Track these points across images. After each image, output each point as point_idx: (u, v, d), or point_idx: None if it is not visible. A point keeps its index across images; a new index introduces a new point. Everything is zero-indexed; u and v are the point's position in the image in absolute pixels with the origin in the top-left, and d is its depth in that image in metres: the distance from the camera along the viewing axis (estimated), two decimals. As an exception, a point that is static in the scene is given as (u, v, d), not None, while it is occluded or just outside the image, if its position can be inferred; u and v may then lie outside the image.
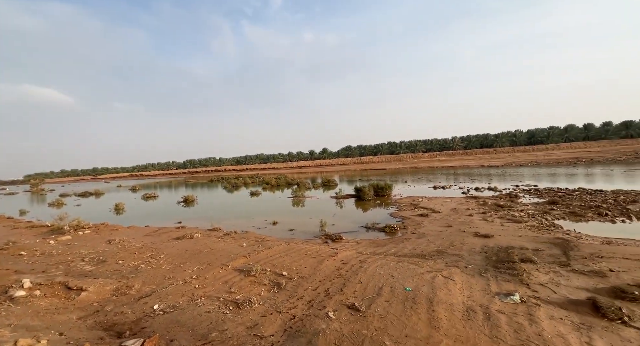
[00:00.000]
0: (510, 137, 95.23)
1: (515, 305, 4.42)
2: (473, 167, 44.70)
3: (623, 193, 13.99)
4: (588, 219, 10.04)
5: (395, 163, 74.20)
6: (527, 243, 7.46)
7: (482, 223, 10.13)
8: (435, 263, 6.42)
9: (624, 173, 23.89)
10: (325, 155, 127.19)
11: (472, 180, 26.17)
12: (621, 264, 5.67)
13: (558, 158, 45.93)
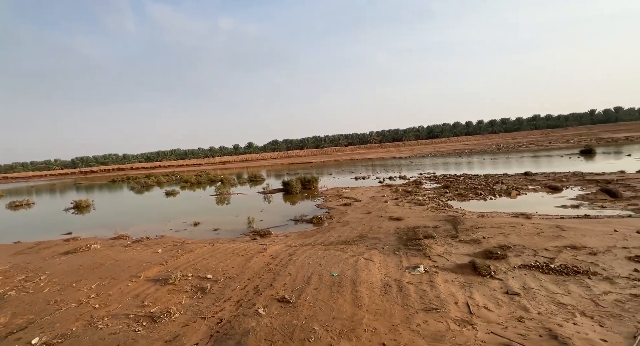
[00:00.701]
0: (415, 132, 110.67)
1: (420, 275, 5.21)
2: (387, 158, 50.18)
3: (490, 176, 17.98)
4: (469, 199, 12.55)
5: (321, 157, 77.15)
6: (429, 222, 8.86)
7: (395, 208, 11.52)
8: (357, 248, 7.01)
9: (491, 160, 30.64)
10: (251, 150, 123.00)
11: (387, 170, 29.40)
12: (490, 232, 7.31)
13: (449, 149, 55.63)
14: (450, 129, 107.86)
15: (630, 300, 3.87)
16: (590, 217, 8.32)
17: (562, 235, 6.68)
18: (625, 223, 7.22)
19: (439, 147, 71.01)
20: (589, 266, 5.02)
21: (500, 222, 8.08)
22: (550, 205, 10.18)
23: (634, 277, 4.52)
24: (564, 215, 8.69)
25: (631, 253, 5.40)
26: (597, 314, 3.60)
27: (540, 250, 5.92)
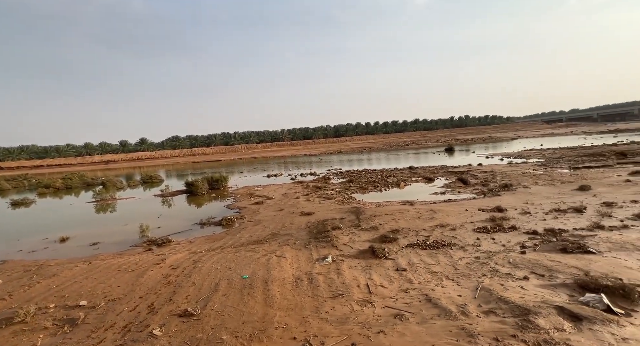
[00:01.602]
0: (324, 130, 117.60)
1: (329, 265, 5.57)
2: (299, 156, 51.61)
3: (385, 170, 20.85)
4: (369, 191, 14.21)
5: (231, 154, 72.92)
6: (336, 214, 9.56)
7: (306, 203, 11.96)
8: (270, 246, 6.95)
9: (385, 157, 35.55)
10: (145, 147, 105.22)
11: (299, 168, 30.24)
12: (385, 219, 8.45)
13: (353, 147, 61.58)
14: (354, 129, 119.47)
15: (474, 261, 5.16)
16: (452, 200, 10.67)
17: (434, 216, 8.31)
18: (472, 204, 9.57)
19: (344, 145, 77.62)
20: (451, 239, 6.42)
21: (393, 210, 9.44)
22: (427, 193, 12.56)
23: (477, 244, 6.04)
24: (435, 201, 10.85)
25: (475, 226, 7.20)
26: (456, 276, 4.65)
27: (420, 231, 7.22)
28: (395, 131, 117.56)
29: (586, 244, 5.34)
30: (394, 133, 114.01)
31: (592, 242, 5.47)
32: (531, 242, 5.91)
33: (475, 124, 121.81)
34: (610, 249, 5.15)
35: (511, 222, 7.28)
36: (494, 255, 5.39)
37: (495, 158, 23.40)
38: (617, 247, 5.21)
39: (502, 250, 5.59)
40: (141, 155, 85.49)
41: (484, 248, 5.80)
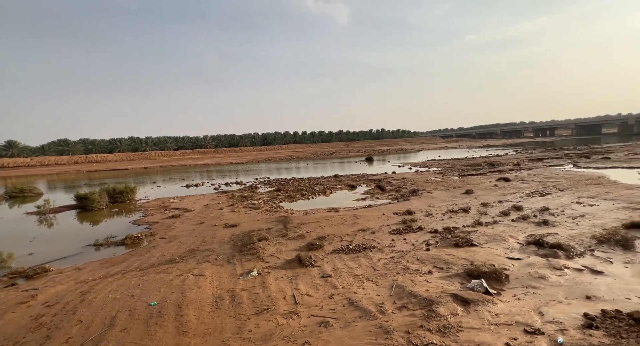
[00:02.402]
0: (251, 138, 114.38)
1: (254, 279, 5.29)
2: (224, 164, 48.61)
3: (312, 179, 21.45)
4: (297, 199, 14.32)
5: (141, 162, 63.68)
6: (263, 225, 9.26)
7: (231, 214, 11.24)
8: (187, 264, 6.20)
9: (313, 165, 36.70)
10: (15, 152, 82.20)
11: (223, 176, 28.41)
12: (312, 227, 8.60)
13: (281, 156, 61.57)
14: (282, 137, 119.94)
15: (390, 261, 5.68)
16: (371, 206, 11.64)
17: (357, 221, 8.89)
18: (388, 208, 10.64)
19: (273, 153, 76.98)
20: (370, 242, 6.94)
21: (319, 217, 9.70)
22: (350, 199, 13.40)
23: (392, 245, 6.69)
24: (357, 206, 11.65)
25: (391, 228, 7.99)
26: (375, 277, 5.02)
27: (344, 236, 7.59)
28: (322, 141, 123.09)
29: (471, 238, 6.51)
30: (321, 143, 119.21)
31: (475, 236, 6.71)
32: (434, 239, 6.87)
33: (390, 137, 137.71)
34: (487, 241, 6.41)
35: (418, 223, 8.35)
36: (405, 253, 6.05)
37: (406, 167, 26.78)
38: (490, 238, 6.52)
39: (412, 249, 6.32)
40: (7, 162, 66.62)
41: (398, 248, 6.45)
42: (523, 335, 3.16)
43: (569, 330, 3.19)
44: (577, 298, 3.90)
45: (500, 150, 44.15)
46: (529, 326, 3.31)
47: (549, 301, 3.86)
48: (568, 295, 4.01)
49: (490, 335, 3.21)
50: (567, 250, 5.48)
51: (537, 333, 3.16)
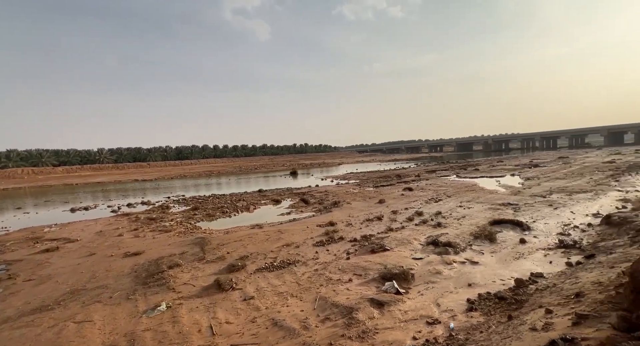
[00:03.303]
0: (162, 152, 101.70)
1: (162, 314, 4.57)
2: (126, 181, 41.58)
3: (235, 195, 20.35)
4: (217, 217, 13.27)
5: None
6: (176, 249, 8.19)
7: (134, 240, 9.59)
8: (65, 310, 4.91)
9: (235, 181, 34.93)
10: None
11: (126, 196, 24.22)
12: (233, 246, 8.06)
13: (199, 171, 56.58)
14: (200, 151, 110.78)
15: (314, 274, 5.77)
16: (296, 220, 11.72)
17: (281, 237, 8.77)
18: (312, 221, 10.90)
19: (189, 168, 70.13)
20: (295, 257, 6.93)
21: (242, 235, 9.19)
22: (275, 214, 13.20)
23: (316, 257, 6.83)
24: (282, 221, 11.55)
25: (315, 241, 8.17)
26: (299, 292, 5.00)
27: (269, 253, 7.37)
28: (245, 155, 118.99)
29: (384, 244, 7.22)
30: (244, 157, 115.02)
31: (387, 241, 7.46)
32: (353, 248, 7.32)
33: (313, 151, 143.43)
34: (397, 245, 7.21)
35: (340, 233, 8.79)
36: (328, 264, 6.25)
37: (328, 180, 28.20)
38: (399, 242, 7.37)
39: (334, 259, 6.58)
40: None
41: (321, 260, 6.62)
42: (425, 326, 3.62)
43: (457, 315, 3.81)
44: (463, 287, 4.72)
45: (405, 164, 51.14)
46: (430, 317, 3.82)
47: (444, 293, 4.56)
48: (456, 285, 4.82)
49: (401, 331, 3.56)
50: (455, 246, 6.64)
51: (435, 323, 3.67)
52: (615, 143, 62.60)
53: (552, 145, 79.21)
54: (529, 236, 7.15)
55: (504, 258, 5.88)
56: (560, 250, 5.98)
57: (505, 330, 3.04)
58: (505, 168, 25.43)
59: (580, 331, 2.39)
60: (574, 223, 7.91)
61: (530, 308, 3.44)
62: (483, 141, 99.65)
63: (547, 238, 6.85)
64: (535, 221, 8.41)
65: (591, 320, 2.53)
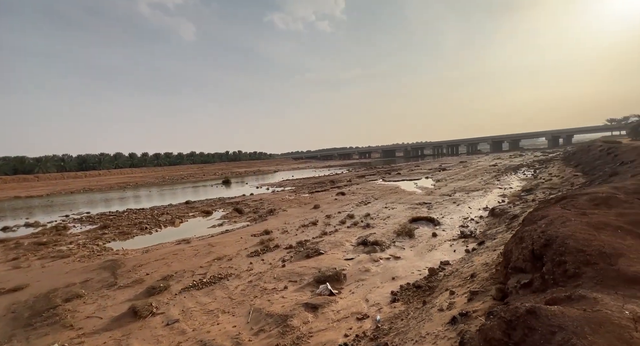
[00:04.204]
0: (58, 161, 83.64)
1: (54, 359, 3.73)
2: (2, 199, 32.85)
3: (157, 208, 18.12)
4: (134, 235, 11.58)
5: None
6: (76, 277, 6.82)
7: (12, 273, 7.61)
8: None
9: (158, 192, 31.13)
10: None
11: (2, 219, 19.07)
12: (154, 266, 7.15)
13: (110, 183, 48.57)
14: (111, 160, 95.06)
15: (248, 286, 5.55)
16: (229, 231, 11.09)
17: (212, 250, 8.17)
18: (246, 231, 10.48)
19: (97, 180, 59.71)
20: (227, 270, 6.54)
21: (165, 253, 8.22)
22: (205, 227, 12.23)
23: (250, 268, 6.58)
24: (213, 234, 10.78)
25: (249, 251, 7.87)
26: (231, 307, 4.73)
27: (197, 269, 6.77)
28: (170, 164, 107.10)
29: (319, 248, 7.42)
30: (169, 166, 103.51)
31: (322, 245, 7.70)
32: (289, 255, 7.31)
33: (247, 158, 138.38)
34: (330, 248, 7.50)
35: (275, 241, 8.68)
36: (263, 274, 6.09)
37: (263, 188, 27.58)
38: (333, 245, 7.68)
39: (269, 268, 6.44)
40: None
41: (256, 270, 6.41)
42: (356, 322, 3.85)
43: (383, 308, 4.17)
44: (388, 281, 5.20)
45: (338, 170, 53.76)
46: (360, 313, 4.08)
47: (372, 289, 4.94)
48: (382, 280, 5.28)
49: (334, 331, 3.70)
50: (381, 244, 7.26)
51: (365, 318, 3.94)
52: (497, 149, 78.36)
53: (455, 151, 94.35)
54: (439, 230, 8.33)
55: (420, 251, 6.70)
56: (462, 240, 7.14)
57: (420, 314, 3.46)
58: (421, 172, 29.07)
59: (473, 305, 2.90)
60: (471, 216, 9.54)
61: (439, 292, 4.01)
62: (403, 148, 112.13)
63: (452, 231, 8.09)
64: (444, 217, 9.84)
65: (480, 294, 3.10)
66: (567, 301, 1.59)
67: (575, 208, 2.97)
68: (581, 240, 2.16)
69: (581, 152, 22.23)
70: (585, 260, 1.96)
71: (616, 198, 3.03)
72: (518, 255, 2.69)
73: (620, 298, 1.51)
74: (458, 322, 2.67)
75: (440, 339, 2.53)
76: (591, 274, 1.84)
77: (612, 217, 2.49)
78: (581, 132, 69.79)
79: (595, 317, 1.30)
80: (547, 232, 2.48)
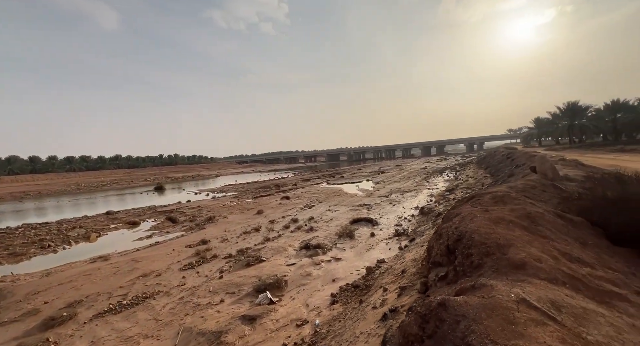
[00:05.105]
0: None
1: None
2: None
3: (66, 221, 15.30)
4: (31, 255, 9.53)
5: None
6: (-63, 317, 5.25)
7: None
8: None
9: (71, 203, 26.41)
10: None
11: None
12: (57, 292, 5.96)
13: (1, 193, 39.46)
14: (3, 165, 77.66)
15: (179, 303, 5.02)
16: (159, 243, 9.95)
17: (136, 266, 7.20)
18: (180, 241, 9.56)
19: (-19, 188, 47.82)
20: (155, 288, 5.82)
21: (73, 274, 6.94)
22: (130, 240, 10.75)
23: (182, 283, 5.98)
24: (139, 247, 9.54)
25: (182, 264, 7.16)
26: (156, 330, 4.20)
27: (116, 290, 5.87)
28: (87, 169, 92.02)
29: (260, 255, 7.16)
30: (85, 171, 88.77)
31: (264, 252, 7.45)
32: (227, 264, 6.87)
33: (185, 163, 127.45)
34: (273, 254, 7.30)
35: (213, 251, 8.09)
36: (197, 288, 5.58)
37: (203, 194, 25.67)
38: (275, 251, 7.50)
39: (205, 281, 5.95)
40: None
41: (189, 285, 5.85)
42: (295, 330, 3.78)
43: (323, 311, 4.20)
44: (328, 283, 5.26)
45: (284, 173, 53.31)
46: (299, 320, 4.02)
47: (313, 293, 4.93)
48: (323, 282, 5.33)
49: (272, 342, 3.56)
50: (323, 247, 7.36)
51: (304, 324, 3.89)
52: (427, 154, 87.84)
53: (392, 155, 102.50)
54: (377, 230, 8.83)
55: (359, 251, 6.99)
56: (396, 238, 7.69)
57: (357, 314, 3.57)
58: (363, 175, 30.72)
59: (401, 300, 3.09)
60: (404, 215, 10.38)
61: (375, 290, 4.20)
62: (347, 152, 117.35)
63: (388, 230, 8.66)
64: (382, 217, 10.50)
65: (408, 289, 3.33)
66: (471, 290, 1.79)
67: (481, 206, 3.44)
68: (484, 234, 2.49)
69: (489, 157, 26.28)
70: (486, 251, 2.26)
71: (509, 196, 3.63)
72: (437, 250, 2.97)
73: (509, 283, 1.77)
74: (388, 318, 2.81)
75: (371, 337, 2.63)
76: (490, 264, 2.12)
77: (506, 213, 2.95)
78: (490, 140, 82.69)
79: (490, 303, 1.49)
80: (459, 228, 2.80)
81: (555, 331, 1.28)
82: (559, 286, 1.78)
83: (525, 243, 2.29)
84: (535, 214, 2.99)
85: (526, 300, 1.51)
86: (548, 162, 6.33)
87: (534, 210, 3.10)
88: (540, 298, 1.55)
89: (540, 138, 42.37)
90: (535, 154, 12.21)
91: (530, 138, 44.70)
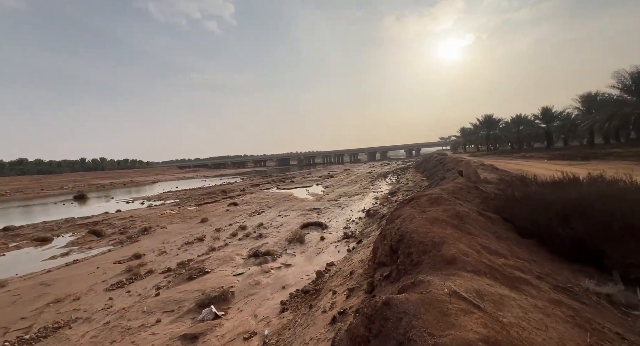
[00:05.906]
0: None
1: None
2: None
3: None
4: None
5: None
6: None
7: None
8: None
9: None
10: None
11: None
12: None
13: None
14: None
15: (103, 330, 4.34)
16: (78, 261, 8.52)
17: (46, 291, 6.05)
18: (106, 257, 8.35)
19: None
20: (71, 314, 4.95)
21: (-48, 309, 5.49)
22: (38, 260, 8.98)
23: (108, 305, 5.21)
24: (51, 268, 8.03)
25: (109, 284, 6.25)
26: (72, 365, 3.55)
27: (15, 323, 4.83)
28: (-22, 174, 74.54)
29: (204, 267, 6.65)
30: (-25, 176, 71.62)
31: (208, 263, 6.95)
32: (166, 280, 6.22)
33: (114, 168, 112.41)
34: (218, 264, 6.86)
35: (149, 266, 7.26)
36: (127, 310, 4.92)
37: (137, 203, 22.95)
38: (221, 261, 7.06)
39: (137, 301, 5.28)
40: None
41: (117, 307, 5.13)
42: (242, 343, 3.58)
43: (272, 320, 4.07)
44: (278, 291, 5.14)
45: (231, 179, 50.92)
46: (247, 332, 3.82)
47: (262, 302, 4.76)
48: (273, 290, 5.18)
49: (216, 360, 3.31)
50: (273, 254, 7.19)
51: (252, 336, 3.71)
52: (372, 159, 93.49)
53: (341, 160, 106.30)
54: (327, 233, 8.99)
55: (309, 256, 7.01)
56: (345, 241, 7.92)
57: (307, 319, 3.54)
58: (313, 179, 31.10)
59: (350, 302, 3.18)
60: (352, 218, 10.78)
61: (324, 294, 4.24)
62: (297, 157, 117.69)
63: (337, 233, 8.88)
64: (331, 220, 10.73)
65: (356, 290, 3.44)
66: (412, 287, 1.93)
67: (419, 207, 3.77)
68: (422, 233, 2.71)
69: (425, 162, 29.09)
70: (424, 249, 2.47)
71: (442, 197, 4.06)
72: (382, 250, 3.14)
73: (443, 277, 1.95)
74: (337, 321, 2.85)
75: (321, 342, 2.63)
76: (427, 261, 2.32)
77: (440, 213, 3.29)
78: (425, 146, 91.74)
79: (427, 298, 1.62)
80: (401, 229, 3.01)
81: (479, 317, 1.45)
82: (482, 277, 2.03)
83: (456, 240, 2.56)
84: (463, 213, 3.39)
85: (457, 292, 1.68)
86: (472, 167, 7.27)
87: (462, 210, 3.51)
88: (467, 289, 1.74)
89: (465, 146, 48.65)
90: (461, 160, 13.93)
91: (458, 145, 51.05)
